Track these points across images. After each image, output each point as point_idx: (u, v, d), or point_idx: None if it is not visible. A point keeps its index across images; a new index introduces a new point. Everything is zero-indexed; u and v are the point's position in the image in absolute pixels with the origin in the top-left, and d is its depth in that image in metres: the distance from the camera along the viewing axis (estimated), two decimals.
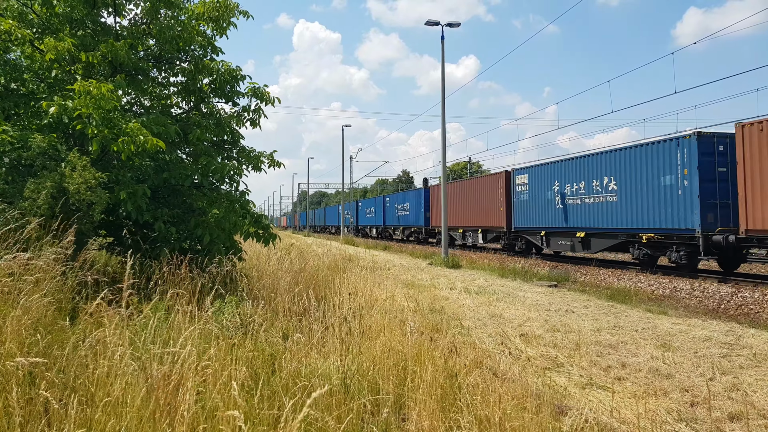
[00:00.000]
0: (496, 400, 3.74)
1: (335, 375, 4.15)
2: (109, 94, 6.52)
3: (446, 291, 12.67)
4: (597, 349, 7.32)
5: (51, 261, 4.89)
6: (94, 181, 6.20)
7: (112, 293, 4.69)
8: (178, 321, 4.47)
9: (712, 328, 8.81)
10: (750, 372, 6.30)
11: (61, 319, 4.37)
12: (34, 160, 6.40)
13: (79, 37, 7.83)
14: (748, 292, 12.62)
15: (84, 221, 6.37)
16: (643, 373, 6.21)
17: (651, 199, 16.83)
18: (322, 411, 3.43)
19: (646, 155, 17.06)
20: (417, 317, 7.41)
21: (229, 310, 5.40)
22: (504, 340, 7.49)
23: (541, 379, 5.54)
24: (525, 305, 10.94)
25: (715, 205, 15.00)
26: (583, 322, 9.25)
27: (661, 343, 7.65)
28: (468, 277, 16.41)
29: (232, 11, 8.77)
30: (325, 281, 8.89)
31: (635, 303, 11.72)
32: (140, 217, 7.10)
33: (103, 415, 3.00)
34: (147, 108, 9.26)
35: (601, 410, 4.88)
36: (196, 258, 6.66)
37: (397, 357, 4.69)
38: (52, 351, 3.71)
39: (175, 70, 9.14)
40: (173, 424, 2.96)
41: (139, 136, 6.52)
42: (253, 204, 9.00)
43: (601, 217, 19.11)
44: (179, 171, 7.82)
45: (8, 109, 7.33)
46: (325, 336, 5.13)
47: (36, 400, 3.00)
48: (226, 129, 9.10)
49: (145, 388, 3.18)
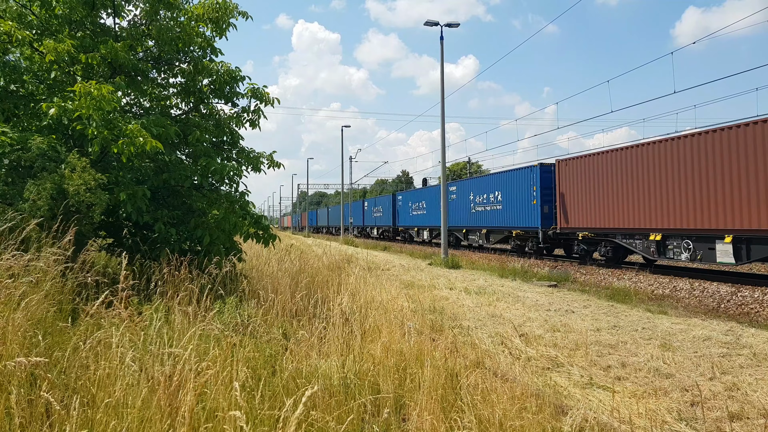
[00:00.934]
0: (497, 400, 3.74)
1: (336, 375, 4.16)
2: (109, 96, 6.52)
3: (446, 291, 12.68)
4: (597, 349, 7.33)
5: (51, 262, 4.89)
6: (94, 183, 6.20)
7: (112, 294, 4.69)
8: (178, 322, 4.47)
9: (711, 328, 8.81)
10: (750, 371, 6.31)
11: (62, 320, 4.37)
12: (33, 161, 6.40)
13: (79, 38, 7.83)
14: (748, 292, 12.64)
15: (84, 222, 6.38)
16: (643, 373, 6.22)
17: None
18: (323, 411, 3.43)
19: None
20: (417, 317, 7.42)
21: (229, 311, 5.40)
22: (504, 341, 7.50)
23: (541, 379, 5.54)
24: (525, 305, 10.94)
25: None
26: (583, 322, 9.25)
27: (661, 343, 7.66)
28: (468, 277, 16.41)
29: (231, 12, 8.78)
30: (324, 282, 8.89)
31: (635, 303, 11.73)
32: (140, 218, 7.11)
33: (105, 416, 3.00)
34: (146, 109, 9.26)
35: (602, 410, 4.88)
36: (196, 259, 6.66)
37: (397, 357, 4.69)
38: (53, 352, 3.71)
39: (175, 71, 9.14)
40: (174, 424, 2.96)
41: (139, 138, 6.52)
42: (252, 205, 9.01)
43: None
44: (179, 172, 7.83)
45: (8, 111, 7.34)
46: (325, 336, 5.13)
47: (37, 401, 3.00)
48: (225, 130, 9.11)
49: (147, 388, 3.18)
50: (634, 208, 17.39)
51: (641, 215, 17.07)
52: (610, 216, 18.58)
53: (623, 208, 17.88)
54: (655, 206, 16.47)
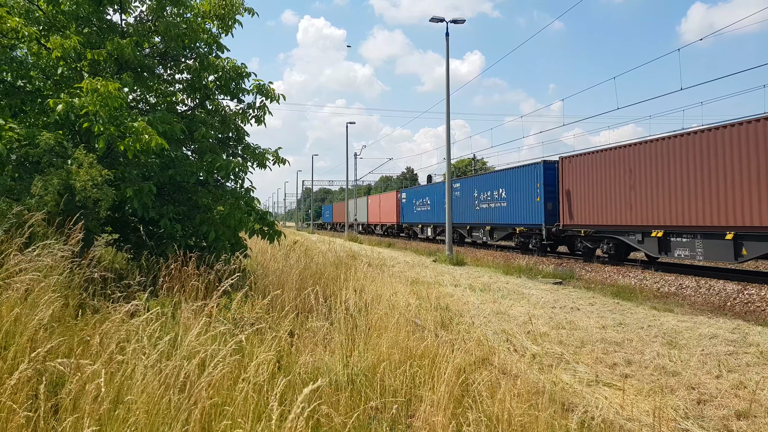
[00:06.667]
0: (503, 397, 3.74)
1: (341, 372, 4.17)
2: (116, 92, 6.54)
3: (451, 288, 12.67)
4: (603, 346, 7.31)
5: (58, 258, 4.91)
6: (101, 179, 6.22)
7: (119, 290, 4.71)
8: (185, 317, 4.49)
9: (718, 326, 8.78)
10: (757, 370, 6.29)
11: (70, 315, 4.39)
12: (41, 157, 6.42)
13: (85, 34, 7.84)
14: (755, 290, 12.58)
15: (90, 218, 6.40)
16: (649, 371, 6.20)
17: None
18: (330, 407, 3.44)
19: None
20: (422, 314, 7.42)
21: (235, 307, 5.41)
22: (509, 338, 7.49)
23: (547, 377, 5.54)
24: (530, 302, 10.93)
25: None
26: (589, 319, 9.23)
27: (667, 341, 7.64)
28: (472, 274, 16.40)
29: (237, 9, 8.77)
30: (330, 278, 8.90)
31: (640, 300, 11.70)
32: (146, 214, 7.12)
33: (115, 409, 3.01)
34: (152, 105, 9.28)
35: (607, 407, 4.87)
36: (202, 255, 6.68)
37: (402, 353, 4.70)
38: (61, 348, 3.73)
39: (181, 68, 9.15)
40: (189, 419, 2.97)
41: (144, 135, 6.54)
42: (258, 201, 9.02)
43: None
44: (185, 168, 7.84)
45: (15, 107, 7.36)
46: (331, 332, 5.14)
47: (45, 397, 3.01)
48: (231, 126, 9.12)
49: (157, 382, 3.19)
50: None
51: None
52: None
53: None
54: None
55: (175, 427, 2.95)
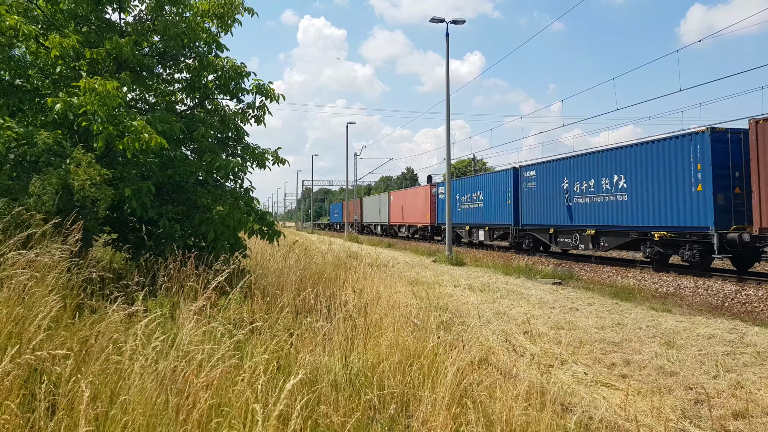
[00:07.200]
0: (502, 397, 3.74)
1: (340, 372, 4.16)
2: (114, 92, 6.53)
3: (450, 288, 12.67)
4: (601, 346, 7.32)
5: (56, 258, 4.90)
6: (99, 178, 6.21)
7: (117, 290, 4.70)
8: (183, 317, 4.48)
9: (716, 326, 8.79)
10: (754, 370, 6.29)
11: (68, 316, 4.38)
12: (39, 156, 6.41)
13: (84, 33, 7.83)
14: (752, 290, 12.59)
15: (89, 218, 6.39)
16: (648, 371, 6.21)
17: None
18: (329, 407, 3.43)
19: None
20: (421, 314, 7.41)
21: (234, 307, 5.41)
22: (508, 338, 7.49)
23: (545, 377, 5.53)
24: (529, 303, 10.93)
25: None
26: (587, 319, 9.24)
27: (665, 341, 7.64)
28: (472, 274, 16.40)
29: (236, 8, 8.76)
30: (329, 278, 8.90)
31: (639, 301, 11.70)
32: (145, 214, 7.11)
33: (112, 408, 3.01)
34: (152, 104, 9.27)
35: (606, 408, 4.87)
36: (201, 255, 6.67)
37: (402, 354, 4.69)
38: (60, 348, 3.71)
39: (180, 67, 9.14)
40: (187, 419, 2.97)
41: (143, 134, 6.53)
42: (257, 201, 9.01)
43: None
44: (184, 168, 7.83)
45: (13, 106, 7.35)
46: (330, 333, 5.14)
47: (42, 397, 3.01)
48: (230, 126, 9.10)
49: (155, 382, 3.19)
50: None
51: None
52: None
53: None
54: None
55: (173, 428, 2.95)
